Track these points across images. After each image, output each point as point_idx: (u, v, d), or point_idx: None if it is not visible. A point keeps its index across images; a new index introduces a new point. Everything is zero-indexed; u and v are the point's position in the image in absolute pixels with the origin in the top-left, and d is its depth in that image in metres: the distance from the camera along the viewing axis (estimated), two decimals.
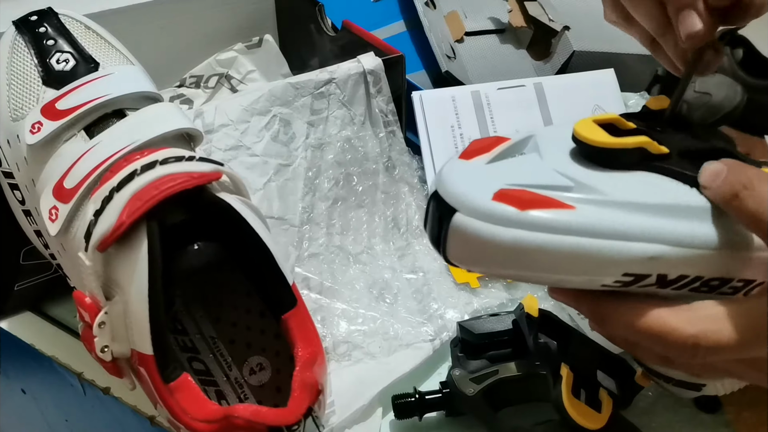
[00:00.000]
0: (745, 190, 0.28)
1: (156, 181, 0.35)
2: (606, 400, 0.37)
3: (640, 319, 0.29)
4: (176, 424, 0.36)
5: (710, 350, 0.28)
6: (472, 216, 0.28)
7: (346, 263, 0.53)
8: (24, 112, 0.41)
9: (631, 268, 0.28)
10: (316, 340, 0.39)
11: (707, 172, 0.30)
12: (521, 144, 0.32)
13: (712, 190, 0.29)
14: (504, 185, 0.28)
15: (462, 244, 0.28)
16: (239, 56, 0.67)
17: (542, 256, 0.27)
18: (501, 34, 0.73)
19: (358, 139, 0.56)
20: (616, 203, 0.28)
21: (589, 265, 0.28)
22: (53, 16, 0.43)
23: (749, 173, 0.29)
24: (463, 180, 0.29)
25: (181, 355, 0.41)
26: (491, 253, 0.28)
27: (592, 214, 0.28)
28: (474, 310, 0.50)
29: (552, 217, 0.27)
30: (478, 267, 0.29)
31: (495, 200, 0.28)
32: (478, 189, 0.28)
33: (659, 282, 0.29)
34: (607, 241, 0.27)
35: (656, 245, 0.28)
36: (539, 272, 0.28)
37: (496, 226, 0.27)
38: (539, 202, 0.27)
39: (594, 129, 0.30)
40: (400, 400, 0.42)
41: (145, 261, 0.34)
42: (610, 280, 0.28)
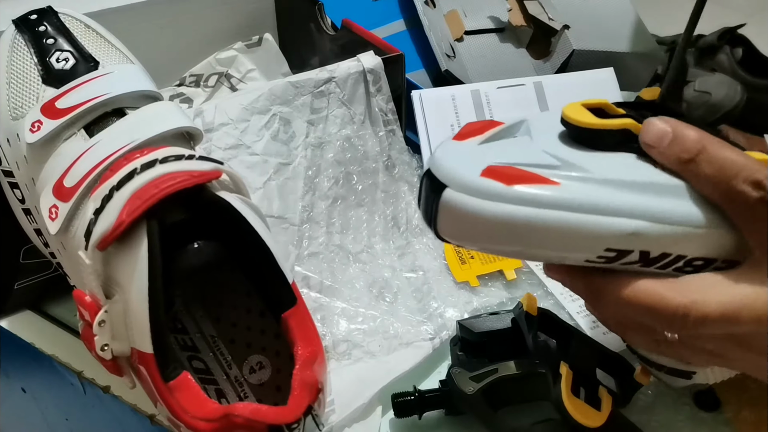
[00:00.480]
0: (701, 154, 0.28)
1: (156, 180, 0.35)
2: (605, 399, 0.37)
3: (630, 290, 0.29)
4: (176, 422, 0.36)
5: (699, 320, 0.28)
6: (462, 191, 0.29)
7: (346, 262, 0.53)
8: (24, 110, 0.41)
9: (612, 243, 0.29)
10: (315, 338, 0.39)
11: (651, 131, 0.30)
12: (514, 128, 0.33)
13: (659, 151, 0.29)
14: (493, 162, 0.29)
15: (452, 219, 0.29)
16: (239, 55, 0.67)
17: (527, 230, 0.28)
18: (501, 33, 0.73)
19: (358, 138, 0.56)
20: (599, 180, 0.29)
21: (572, 239, 0.28)
22: (53, 15, 0.43)
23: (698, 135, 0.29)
24: (455, 158, 0.30)
25: (181, 353, 0.41)
26: (479, 227, 0.29)
27: (576, 189, 0.28)
28: (474, 308, 0.50)
29: (537, 192, 0.28)
30: (467, 242, 0.30)
31: (483, 176, 0.29)
32: (468, 166, 0.29)
33: (642, 259, 0.29)
34: (589, 216, 0.28)
35: (637, 221, 0.28)
36: (525, 246, 0.29)
37: (483, 200, 0.28)
38: (525, 178, 0.28)
39: (581, 111, 0.31)
40: (400, 398, 0.42)
41: (145, 260, 0.34)
42: (593, 255, 0.29)
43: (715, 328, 0.28)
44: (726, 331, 0.28)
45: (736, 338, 0.29)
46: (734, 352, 0.30)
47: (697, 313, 0.28)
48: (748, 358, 0.30)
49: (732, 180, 0.28)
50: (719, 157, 0.28)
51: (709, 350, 0.31)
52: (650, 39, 0.73)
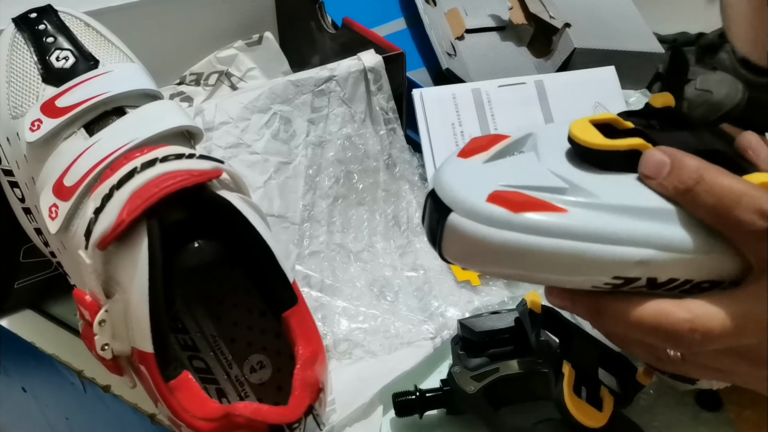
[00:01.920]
0: (698, 184, 0.28)
1: (156, 179, 0.35)
2: (607, 399, 0.37)
3: (635, 309, 0.29)
4: (177, 422, 0.36)
5: (705, 335, 0.28)
6: (467, 216, 0.28)
7: (347, 261, 0.53)
8: (24, 109, 0.41)
9: (620, 272, 0.28)
10: (316, 338, 0.39)
11: (650, 163, 0.30)
12: (520, 142, 0.32)
13: (658, 182, 0.29)
14: (498, 186, 0.29)
15: (457, 243, 0.29)
16: (239, 54, 0.67)
17: (534, 258, 0.28)
18: (502, 31, 0.73)
19: (359, 136, 0.56)
20: (607, 206, 0.28)
21: (579, 267, 0.28)
22: (53, 14, 0.43)
23: (695, 164, 0.29)
24: (460, 180, 0.30)
25: (181, 353, 0.41)
26: (485, 252, 0.28)
27: (583, 217, 0.28)
28: (475, 308, 0.50)
29: (544, 219, 0.28)
30: (472, 266, 0.30)
31: (489, 202, 0.28)
32: (474, 190, 0.29)
33: (649, 284, 0.29)
34: (596, 245, 0.28)
35: (644, 249, 0.28)
36: (532, 272, 0.29)
37: (489, 227, 0.28)
38: (532, 205, 0.28)
39: (589, 130, 0.30)
40: (401, 398, 0.42)
41: (146, 259, 0.34)
42: (600, 282, 0.29)
43: (721, 344, 0.28)
44: (731, 345, 0.28)
45: (741, 353, 0.29)
46: (739, 367, 0.30)
47: (703, 328, 0.28)
48: (753, 373, 0.30)
49: (733, 210, 0.28)
50: (717, 187, 0.28)
51: (713, 367, 0.31)
52: (652, 37, 0.73)
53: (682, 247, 0.28)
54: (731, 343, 0.28)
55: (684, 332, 0.28)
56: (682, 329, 0.28)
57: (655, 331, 0.29)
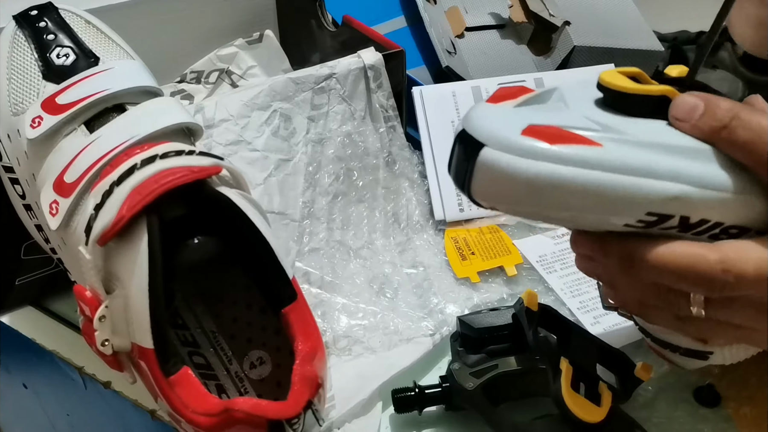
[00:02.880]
0: (734, 120, 0.28)
1: (156, 175, 0.35)
2: (605, 394, 0.37)
3: (667, 250, 0.29)
4: (177, 417, 0.36)
5: (738, 277, 0.28)
6: (502, 150, 0.28)
7: (347, 258, 0.53)
8: (24, 106, 0.41)
9: (654, 207, 0.28)
10: (316, 334, 0.39)
11: (683, 105, 0.30)
12: (546, 94, 0.32)
13: (693, 124, 0.29)
14: (533, 122, 0.28)
15: (490, 179, 0.28)
16: (240, 52, 0.67)
17: (570, 191, 0.28)
18: (501, 29, 0.73)
19: (359, 134, 0.56)
20: (642, 143, 0.28)
21: (613, 201, 0.28)
22: (53, 11, 0.43)
23: (729, 104, 0.29)
24: (492, 118, 0.29)
25: (181, 349, 0.41)
26: (519, 187, 0.28)
27: (619, 151, 0.28)
28: (474, 304, 0.50)
29: (580, 152, 0.28)
30: (504, 203, 0.29)
31: (525, 135, 0.28)
32: (508, 124, 0.28)
33: (681, 224, 0.29)
34: (633, 178, 0.28)
35: (680, 185, 0.28)
36: (565, 209, 0.28)
37: (525, 159, 0.27)
38: (568, 138, 0.28)
39: (619, 76, 0.31)
40: (400, 394, 0.42)
41: (146, 255, 0.34)
42: (633, 219, 0.29)
43: (753, 289, 0.28)
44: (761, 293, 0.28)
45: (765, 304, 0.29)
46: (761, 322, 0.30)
47: (736, 270, 0.28)
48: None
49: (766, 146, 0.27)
50: (754, 123, 0.28)
51: (735, 324, 0.30)
52: (651, 35, 0.73)
53: (718, 185, 0.28)
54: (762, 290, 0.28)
55: (717, 274, 0.28)
56: (715, 271, 0.28)
57: (687, 273, 0.28)
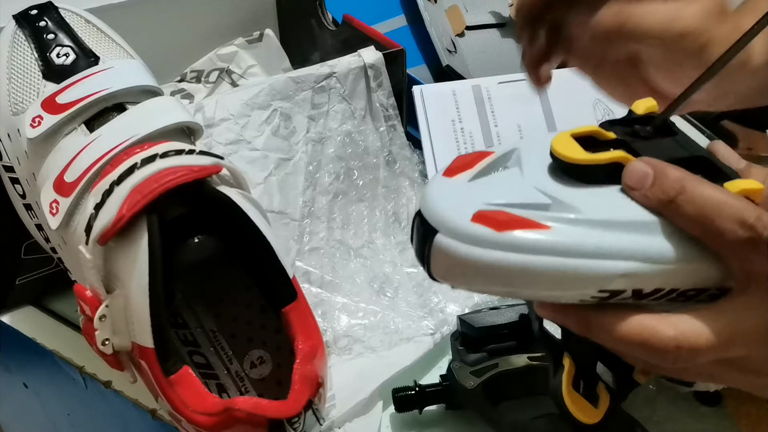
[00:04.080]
0: (680, 195, 0.28)
1: (156, 175, 0.35)
2: (603, 396, 0.37)
3: (621, 325, 0.29)
4: (177, 416, 0.36)
5: (691, 352, 0.28)
6: (452, 237, 0.29)
7: (347, 257, 0.53)
8: (24, 106, 0.41)
9: (604, 285, 0.29)
10: (316, 333, 0.39)
11: (633, 174, 0.30)
12: (505, 157, 0.33)
13: (642, 193, 0.29)
14: (482, 206, 0.29)
15: (444, 263, 0.30)
16: (240, 51, 0.67)
17: (519, 275, 0.28)
18: (502, 28, 0.73)
19: (359, 133, 0.56)
20: (590, 222, 0.29)
21: (564, 282, 0.29)
22: (53, 10, 0.43)
23: (677, 174, 0.29)
24: (444, 199, 0.30)
25: (181, 348, 0.41)
26: (471, 272, 0.29)
27: (566, 233, 0.28)
28: (475, 303, 0.50)
29: (527, 237, 0.28)
30: (460, 284, 0.30)
31: (474, 221, 0.29)
32: (458, 210, 0.29)
33: (635, 295, 0.29)
34: (580, 260, 0.28)
35: (628, 262, 0.28)
36: (518, 289, 0.29)
37: (474, 247, 0.28)
38: (515, 223, 0.28)
39: (570, 144, 0.31)
40: (400, 393, 0.42)
41: (146, 254, 0.34)
42: (586, 296, 0.29)
43: (708, 357, 0.29)
44: (719, 357, 0.29)
45: (730, 363, 0.30)
46: (731, 375, 0.31)
47: (688, 344, 0.28)
48: (746, 380, 0.31)
49: (714, 220, 0.28)
50: (698, 197, 0.28)
51: (705, 374, 0.31)
52: None
53: (666, 258, 0.29)
54: (719, 356, 0.29)
55: (670, 349, 0.28)
56: (667, 346, 0.28)
57: (641, 347, 0.29)
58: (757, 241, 0.27)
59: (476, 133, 0.60)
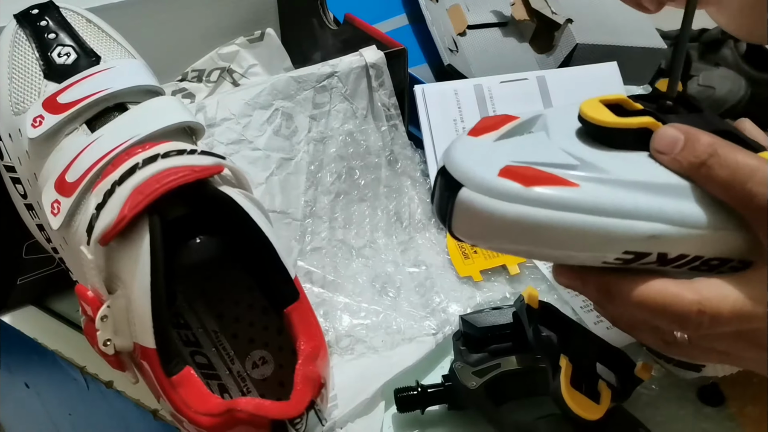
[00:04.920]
0: (712, 158, 0.28)
1: (158, 175, 0.35)
2: (605, 392, 0.37)
3: (644, 289, 0.29)
4: (179, 417, 0.36)
5: (713, 318, 0.28)
6: (478, 191, 0.28)
7: (349, 257, 0.53)
8: (25, 105, 0.41)
9: (631, 246, 0.28)
10: (318, 333, 0.39)
11: (663, 138, 0.29)
12: (530, 122, 0.32)
13: (672, 158, 0.29)
14: (510, 162, 0.29)
15: (468, 218, 0.29)
16: (241, 50, 0.67)
17: (545, 232, 0.28)
18: (504, 27, 0.73)
19: (361, 132, 0.56)
20: (618, 182, 0.28)
21: (590, 241, 0.28)
22: (54, 10, 0.43)
23: (709, 139, 0.29)
24: (471, 155, 0.29)
25: (183, 349, 0.41)
26: (496, 227, 0.28)
27: (595, 191, 0.28)
28: (477, 303, 0.50)
29: (556, 193, 0.28)
30: (483, 241, 0.30)
31: (501, 176, 0.28)
32: (485, 164, 0.29)
33: (659, 260, 0.29)
34: (608, 219, 0.28)
35: (656, 224, 0.28)
36: (542, 247, 0.29)
37: (501, 201, 0.28)
38: (544, 179, 0.28)
39: (600, 109, 0.30)
40: (402, 393, 0.42)
41: (147, 255, 0.34)
42: (611, 257, 0.29)
43: (729, 326, 0.28)
44: (739, 329, 0.28)
45: (748, 336, 0.29)
46: (746, 351, 0.30)
47: (711, 310, 0.28)
48: (761, 357, 0.30)
49: (746, 183, 0.27)
50: (731, 161, 0.28)
51: (719, 350, 0.31)
52: (654, 33, 0.73)
53: (694, 222, 0.28)
54: (740, 327, 0.28)
55: (692, 314, 0.28)
56: (690, 311, 0.28)
57: (663, 312, 0.28)
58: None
59: None
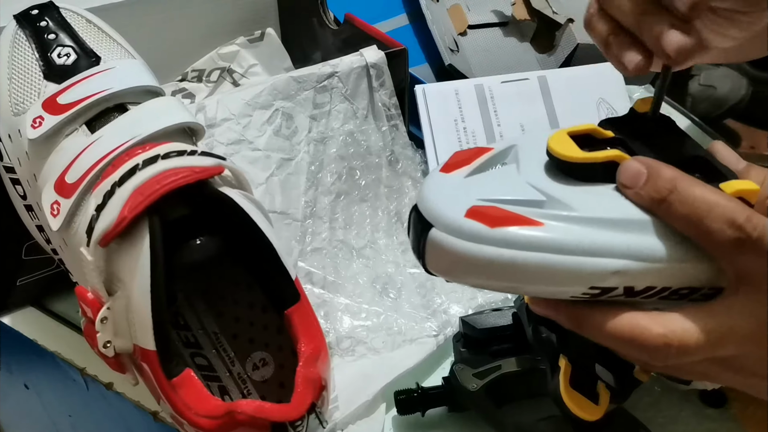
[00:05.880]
0: (672, 194, 0.29)
1: (158, 176, 0.35)
2: (603, 393, 0.37)
3: (612, 322, 0.29)
4: (179, 419, 0.36)
5: (681, 350, 0.28)
6: (447, 231, 0.29)
7: (350, 258, 0.52)
8: (25, 106, 0.40)
9: (596, 282, 0.29)
10: (319, 335, 0.39)
11: (627, 172, 0.30)
12: (503, 154, 0.33)
13: (635, 192, 0.30)
14: (477, 201, 0.29)
15: (439, 257, 0.30)
16: (241, 50, 0.67)
17: (511, 270, 0.29)
18: (504, 27, 0.73)
19: (361, 132, 0.56)
20: (583, 219, 0.29)
21: (555, 278, 0.29)
22: (54, 10, 0.43)
23: (670, 174, 0.29)
24: (440, 194, 0.31)
25: (183, 350, 0.41)
26: (465, 266, 0.29)
27: (559, 230, 0.29)
28: (478, 304, 0.50)
29: (520, 233, 0.28)
30: (455, 278, 0.31)
31: (467, 217, 0.29)
32: (453, 204, 0.30)
33: (627, 293, 0.29)
34: (572, 257, 0.28)
35: (620, 260, 0.29)
36: (511, 284, 0.30)
37: (467, 242, 0.29)
38: (509, 219, 0.29)
39: (567, 143, 0.31)
40: (403, 395, 0.42)
41: (147, 256, 0.34)
42: (578, 292, 0.29)
43: (696, 356, 0.29)
44: (708, 357, 0.29)
45: (721, 363, 0.30)
46: (725, 375, 0.31)
47: (678, 342, 0.28)
48: (741, 379, 0.31)
49: (704, 220, 0.28)
50: (690, 197, 0.28)
51: (698, 372, 0.31)
52: None
53: (658, 257, 0.29)
54: (708, 355, 0.29)
55: (659, 347, 0.28)
56: (656, 344, 0.28)
57: (631, 344, 0.29)
58: (746, 242, 0.27)
59: (479, 133, 0.59)
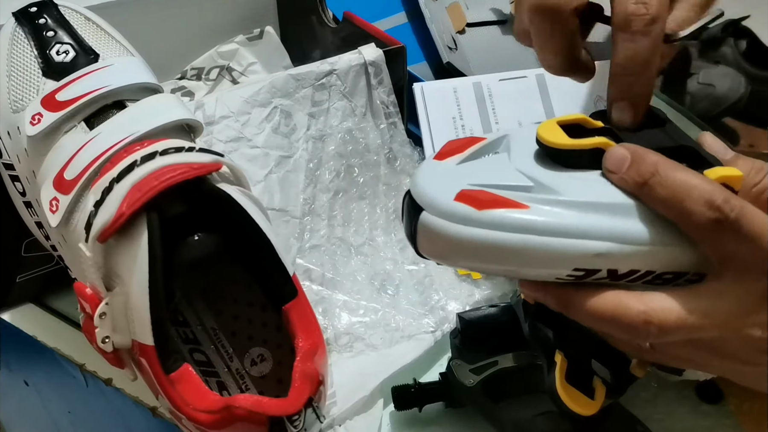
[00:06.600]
0: (654, 177, 0.29)
1: (156, 172, 0.35)
2: (599, 388, 0.37)
3: (595, 299, 0.30)
4: (178, 414, 0.36)
5: (661, 328, 0.29)
6: (437, 215, 0.30)
7: (348, 255, 0.53)
8: (24, 103, 0.41)
9: (580, 264, 0.30)
10: (317, 331, 0.39)
11: (612, 158, 0.31)
12: (496, 143, 0.34)
13: (620, 177, 0.30)
14: (466, 186, 0.30)
15: (429, 240, 0.31)
16: (240, 48, 0.67)
17: (498, 252, 0.30)
18: (503, 25, 0.73)
19: (360, 130, 0.56)
20: (567, 203, 0.30)
21: (540, 260, 0.30)
22: (53, 8, 0.43)
23: (653, 159, 0.30)
24: (432, 180, 0.32)
25: (182, 346, 0.41)
26: (454, 248, 0.30)
27: (544, 213, 0.30)
28: (476, 301, 0.50)
29: (506, 215, 0.29)
30: (445, 261, 0.32)
31: (456, 200, 0.30)
32: (444, 189, 0.31)
33: (610, 276, 0.30)
34: (555, 239, 0.29)
35: (603, 242, 0.29)
36: (498, 266, 0.30)
37: (456, 224, 0.30)
38: (496, 202, 0.30)
39: (556, 131, 0.32)
40: (400, 391, 0.42)
41: (146, 252, 0.34)
42: (563, 274, 0.30)
43: (676, 336, 0.29)
44: (690, 338, 0.29)
45: (705, 346, 0.30)
46: (710, 360, 0.31)
47: (658, 320, 0.29)
48: (725, 365, 0.31)
49: (684, 202, 0.28)
50: (671, 180, 0.29)
51: (684, 357, 0.31)
52: None
53: (640, 240, 0.29)
54: (689, 336, 0.29)
55: (639, 324, 0.29)
56: (637, 321, 0.29)
57: (612, 321, 0.30)
58: (724, 223, 0.28)
59: (477, 130, 0.60)
